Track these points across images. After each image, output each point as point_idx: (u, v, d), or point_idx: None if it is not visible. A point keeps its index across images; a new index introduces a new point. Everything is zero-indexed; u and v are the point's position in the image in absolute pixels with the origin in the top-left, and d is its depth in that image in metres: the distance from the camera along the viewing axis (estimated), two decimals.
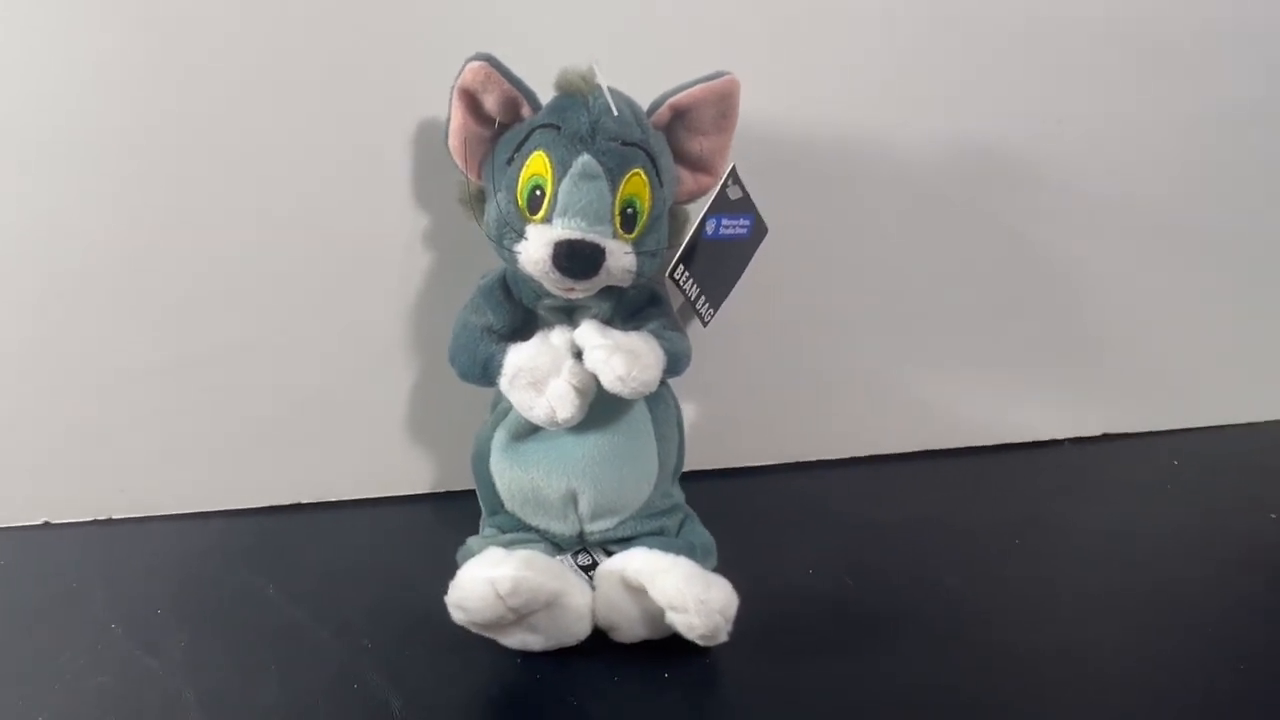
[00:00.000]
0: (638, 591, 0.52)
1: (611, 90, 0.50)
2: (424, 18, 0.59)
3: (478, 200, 0.55)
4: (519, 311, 0.57)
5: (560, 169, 0.50)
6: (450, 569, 0.50)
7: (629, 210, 0.51)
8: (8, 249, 0.59)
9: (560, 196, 0.50)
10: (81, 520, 0.65)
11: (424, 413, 0.68)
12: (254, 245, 0.62)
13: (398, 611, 0.55)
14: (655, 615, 0.51)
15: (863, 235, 0.70)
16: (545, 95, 0.52)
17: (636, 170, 0.51)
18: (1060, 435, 0.76)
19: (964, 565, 0.61)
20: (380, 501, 0.68)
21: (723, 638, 0.49)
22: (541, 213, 0.51)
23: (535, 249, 0.50)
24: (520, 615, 0.49)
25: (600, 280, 0.51)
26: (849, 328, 0.72)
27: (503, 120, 0.53)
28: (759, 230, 0.58)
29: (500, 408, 0.59)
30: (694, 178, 0.56)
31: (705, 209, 0.53)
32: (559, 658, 0.51)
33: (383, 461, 0.68)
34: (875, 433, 0.74)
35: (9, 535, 0.64)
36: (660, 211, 0.53)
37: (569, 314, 0.57)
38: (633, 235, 0.52)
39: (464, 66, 0.50)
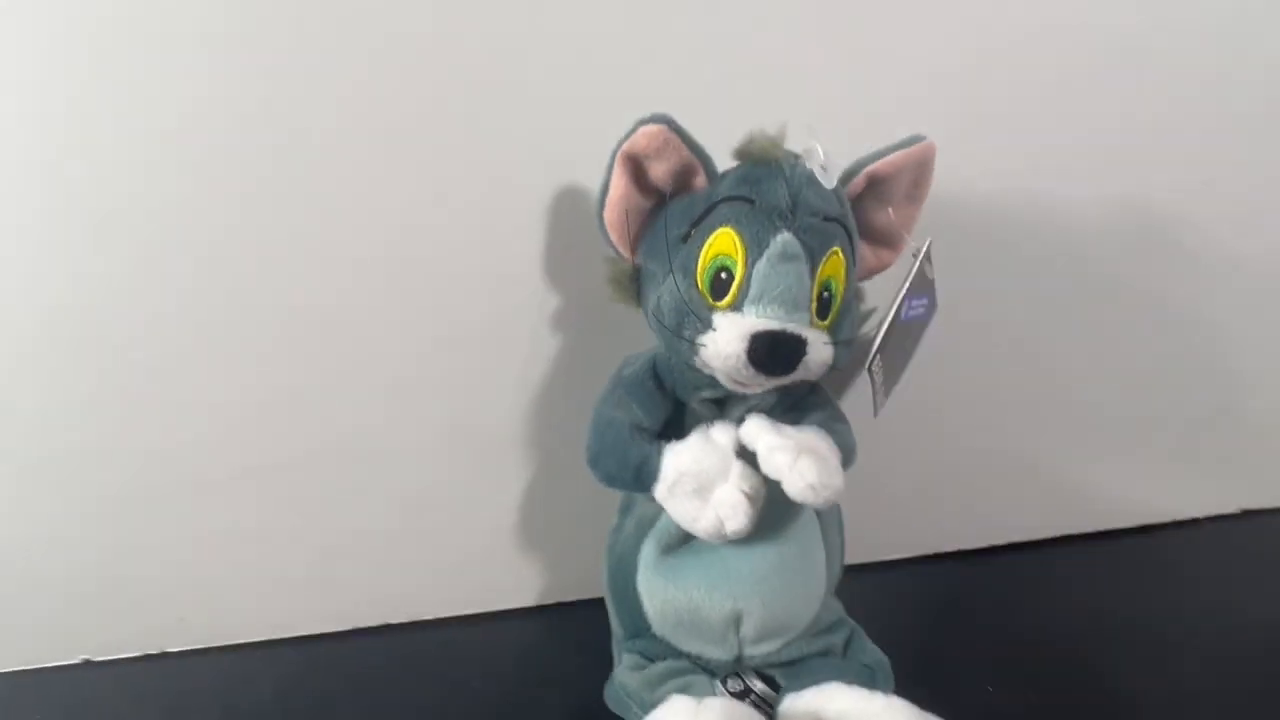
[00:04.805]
0: None
1: (821, 158, 0.43)
2: (561, 76, 0.52)
3: (632, 281, 0.48)
4: (670, 405, 0.50)
5: (755, 248, 0.43)
6: (569, 693, 0.43)
7: (825, 295, 0.44)
8: (60, 343, 0.50)
9: (754, 280, 0.43)
10: (129, 656, 0.55)
11: (528, 517, 0.59)
12: (336, 326, 0.53)
13: None
14: None
15: (982, 308, 0.65)
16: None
17: (835, 249, 0.44)
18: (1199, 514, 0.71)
19: (1152, 668, 0.55)
20: (481, 618, 0.59)
21: None
22: (728, 298, 0.43)
23: (727, 341, 0.42)
24: None
25: (795, 376, 0.44)
26: (968, 410, 0.67)
27: (670, 191, 0.46)
28: (932, 308, 0.52)
29: (639, 513, 0.51)
30: (875, 253, 0.49)
31: (904, 289, 0.46)
32: None
33: (484, 574, 0.59)
34: (1011, 519, 0.68)
35: (43, 678, 0.53)
36: (853, 294, 0.47)
37: (721, 405, 0.50)
38: (827, 322, 0.45)
39: (634, 129, 0.43)
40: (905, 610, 0.63)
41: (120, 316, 0.50)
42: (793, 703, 0.46)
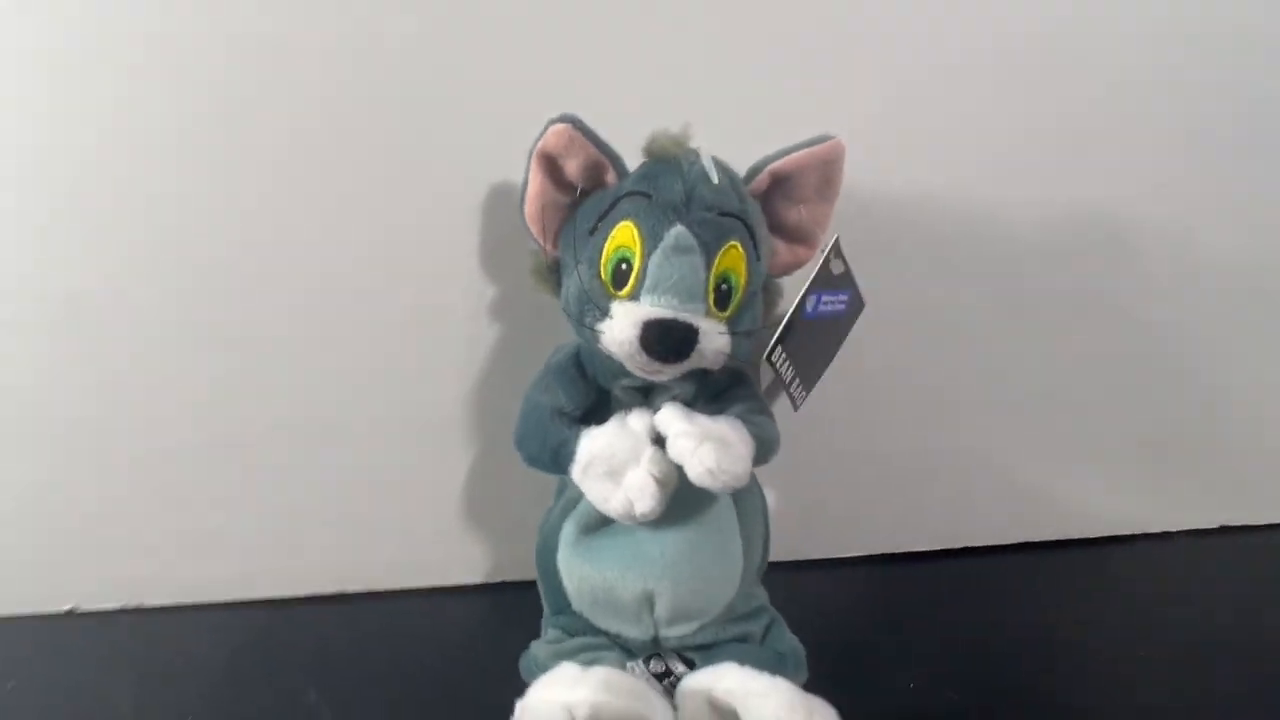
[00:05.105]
0: (727, 714, 0.46)
1: (710, 156, 0.46)
2: (496, 78, 0.56)
3: (552, 272, 0.51)
4: (593, 392, 0.52)
5: (651, 241, 0.45)
6: (509, 669, 0.45)
7: (724, 287, 0.46)
8: (41, 321, 0.55)
9: (650, 271, 0.45)
10: (109, 608, 0.60)
11: (482, 497, 0.63)
12: (301, 313, 0.58)
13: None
14: None
15: (957, 311, 0.65)
16: (631, 161, 0.48)
17: (733, 243, 0.46)
18: (1174, 528, 0.69)
19: (1082, 678, 0.54)
20: (433, 592, 0.63)
21: None
22: (628, 288, 0.46)
23: (621, 328, 0.45)
24: None
25: (691, 363, 0.46)
26: (942, 411, 0.67)
27: (584, 187, 0.49)
28: (856, 305, 0.53)
29: (568, 495, 0.54)
30: (790, 249, 0.51)
31: (807, 284, 0.48)
32: None
33: (436, 549, 0.63)
34: (970, 524, 0.68)
35: (30, 624, 0.59)
36: (756, 288, 0.48)
37: (646, 394, 0.52)
38: (727, 314, 0.47)
39: (545, 128, 0.46)
40: (862, 608, 0.64)
41: (108, 304, 0.55)
42: (689, 682, 0.48)
